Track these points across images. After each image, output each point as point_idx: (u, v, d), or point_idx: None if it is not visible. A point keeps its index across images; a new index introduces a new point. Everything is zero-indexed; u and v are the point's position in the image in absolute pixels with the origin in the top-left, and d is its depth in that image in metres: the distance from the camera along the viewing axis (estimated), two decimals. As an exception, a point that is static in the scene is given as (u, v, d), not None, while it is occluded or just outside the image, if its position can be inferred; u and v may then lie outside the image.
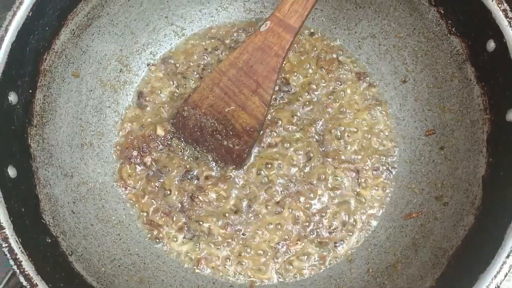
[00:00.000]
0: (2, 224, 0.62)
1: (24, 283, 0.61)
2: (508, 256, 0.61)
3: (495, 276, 0.61)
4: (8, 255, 0.62)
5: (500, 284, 0.60)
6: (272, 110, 0.90)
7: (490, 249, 0.63)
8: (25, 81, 0.73)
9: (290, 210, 0.85)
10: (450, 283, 0.68)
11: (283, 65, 0.87)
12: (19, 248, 0.62)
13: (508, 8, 0.69)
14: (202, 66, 0.94)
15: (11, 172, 0.68)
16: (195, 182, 0.86)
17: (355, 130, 0.89)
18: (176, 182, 0.86)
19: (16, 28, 0.69)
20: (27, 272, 0.61)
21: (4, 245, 0.62)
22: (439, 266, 0.72)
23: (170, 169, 0.87)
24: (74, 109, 0.84)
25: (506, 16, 0.69)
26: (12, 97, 0.70)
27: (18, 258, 0.61)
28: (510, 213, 0.63)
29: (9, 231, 0.62)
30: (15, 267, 0.61)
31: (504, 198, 0.66)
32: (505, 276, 0.61)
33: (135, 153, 0.88)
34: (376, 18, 0.90)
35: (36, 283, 0.61)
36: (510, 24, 0.68)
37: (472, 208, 0.73)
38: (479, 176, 0.74)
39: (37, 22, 0.73)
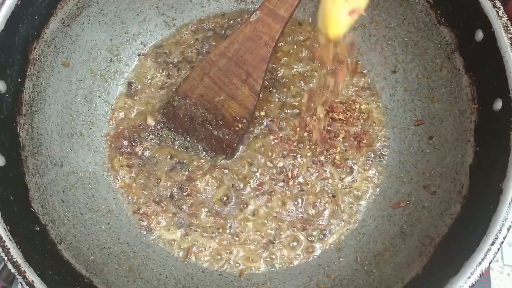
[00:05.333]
0: (-10, 211, 0.62)
1: (12, 270, 0.61)
2: (493, 243, 0.61)
3: (480, 263, 0.61)
4: (-4, 242, 0.62)
5: (484, 270, 0.61)
6: (261, 100, 0.90)
7: (476, 237, 0.63)
8: (14, 70, 0.73)
9: (280, 199, 0.85)
10: (436, 271, 0.69)
11: (274, 55, 0.87)
12: (7, 235, 0.62)
13: (495, -3, 0.69)
14: (193, 56, 0.94)
15: (0, 160, 0.68)
16: (185, 171, 0.87)
17: (345, 120, 0.89)
18: (166, 171, 0.87)
19: (5, 16, 0.69)
20: (15, 259, 0.61)
21: (-8, 233, 0.62)
22: (425, 254, 0.73)
23: (161, 159, 0.87)
24: (63, 98, 0.84)
25: (494, 6, 0.69)
26: (1, 86, 0.70)
27: (6, 246, 0.62)
28: (495, 201, 0.63)
29: (-3, 218, 0.62)
30: (3, 254, 0.61)
31: (490, 186, 0.66)
32: (490, 263, 0.61)
33: (125, 143, 0.88)
34: (367, 8, 0.90)
35: (24, 270, 0.61)
36: (498, 14, 0.68)
37: (459, 196, 0.73)
38: (466, 165, 0.74)
39: (26, 10, 0.73)
